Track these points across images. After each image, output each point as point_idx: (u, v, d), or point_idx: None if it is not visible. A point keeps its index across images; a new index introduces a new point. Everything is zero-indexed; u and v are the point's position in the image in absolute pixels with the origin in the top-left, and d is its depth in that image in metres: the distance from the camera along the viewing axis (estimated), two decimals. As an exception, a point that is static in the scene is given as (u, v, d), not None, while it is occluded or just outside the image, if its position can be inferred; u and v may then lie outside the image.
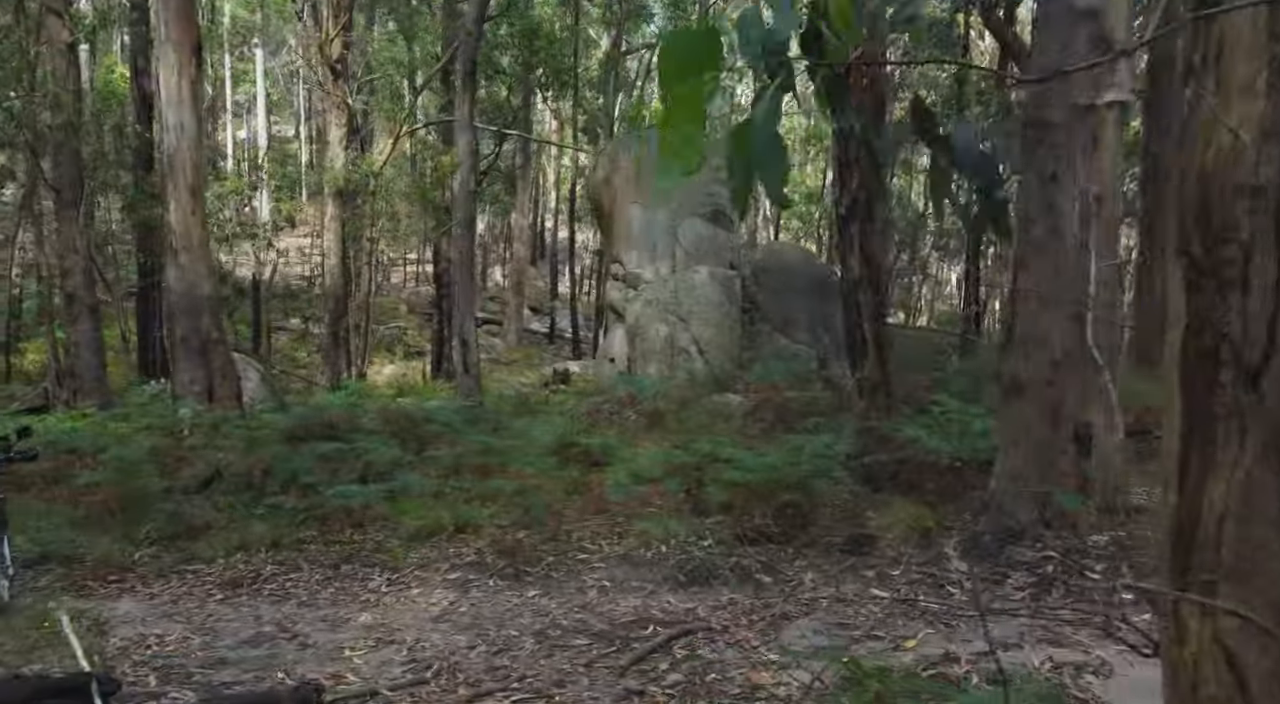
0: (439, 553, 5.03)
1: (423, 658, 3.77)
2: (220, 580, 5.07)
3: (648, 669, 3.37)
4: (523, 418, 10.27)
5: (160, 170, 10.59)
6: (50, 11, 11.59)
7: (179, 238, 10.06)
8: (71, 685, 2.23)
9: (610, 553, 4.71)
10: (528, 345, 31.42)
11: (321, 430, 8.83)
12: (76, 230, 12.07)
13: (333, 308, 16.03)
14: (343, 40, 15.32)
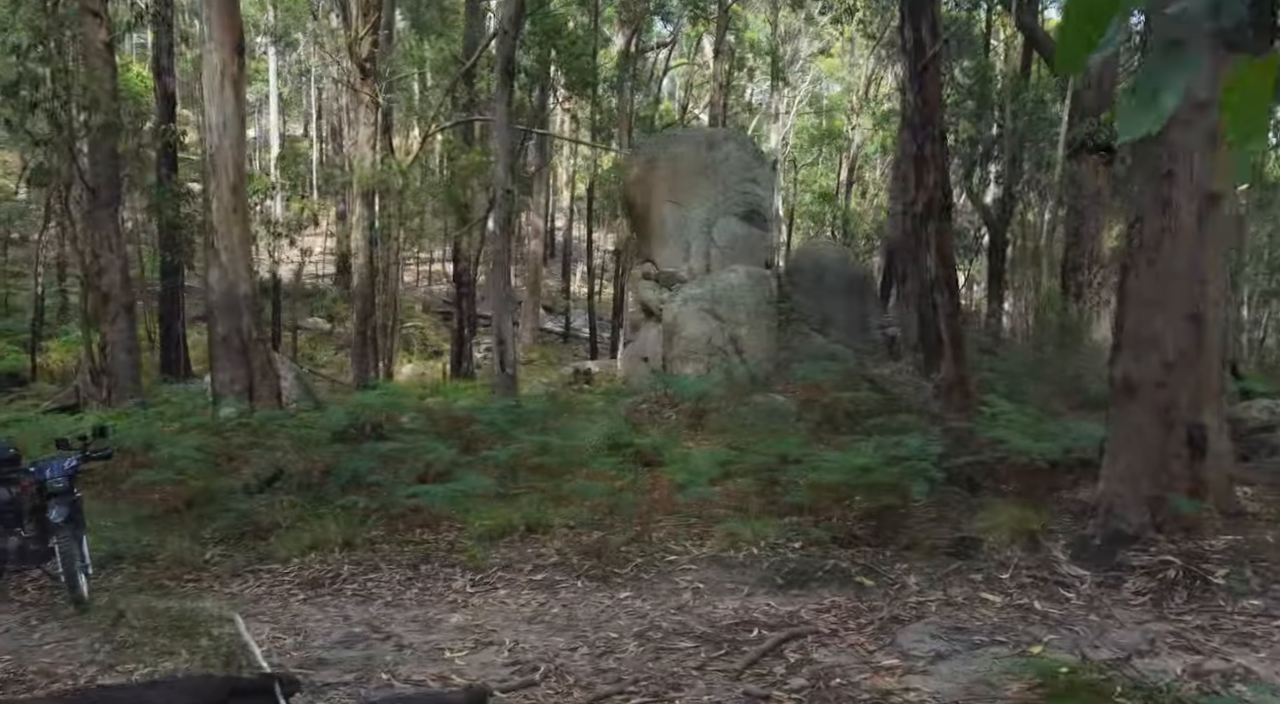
0: (519, 554, 5.01)
1: (525, 660, 3.74)
2: (299, 580, 5.05)
3: (763, 673, 3.34)
4: (560, 417, 10.26)
5: (203, 169, 10.58)
6: (88, 11, 11.60)
7: (220, 237, 10.06)
8: (258, 686, 2.22)
9: (698, 554, 4.68)
10: (543, 345, 31.43)
11: (369, 430, 8.85)
12: (113, 229, 12.08)
13: (360, 307, 16.03)
14: (372, 39, 15.32)
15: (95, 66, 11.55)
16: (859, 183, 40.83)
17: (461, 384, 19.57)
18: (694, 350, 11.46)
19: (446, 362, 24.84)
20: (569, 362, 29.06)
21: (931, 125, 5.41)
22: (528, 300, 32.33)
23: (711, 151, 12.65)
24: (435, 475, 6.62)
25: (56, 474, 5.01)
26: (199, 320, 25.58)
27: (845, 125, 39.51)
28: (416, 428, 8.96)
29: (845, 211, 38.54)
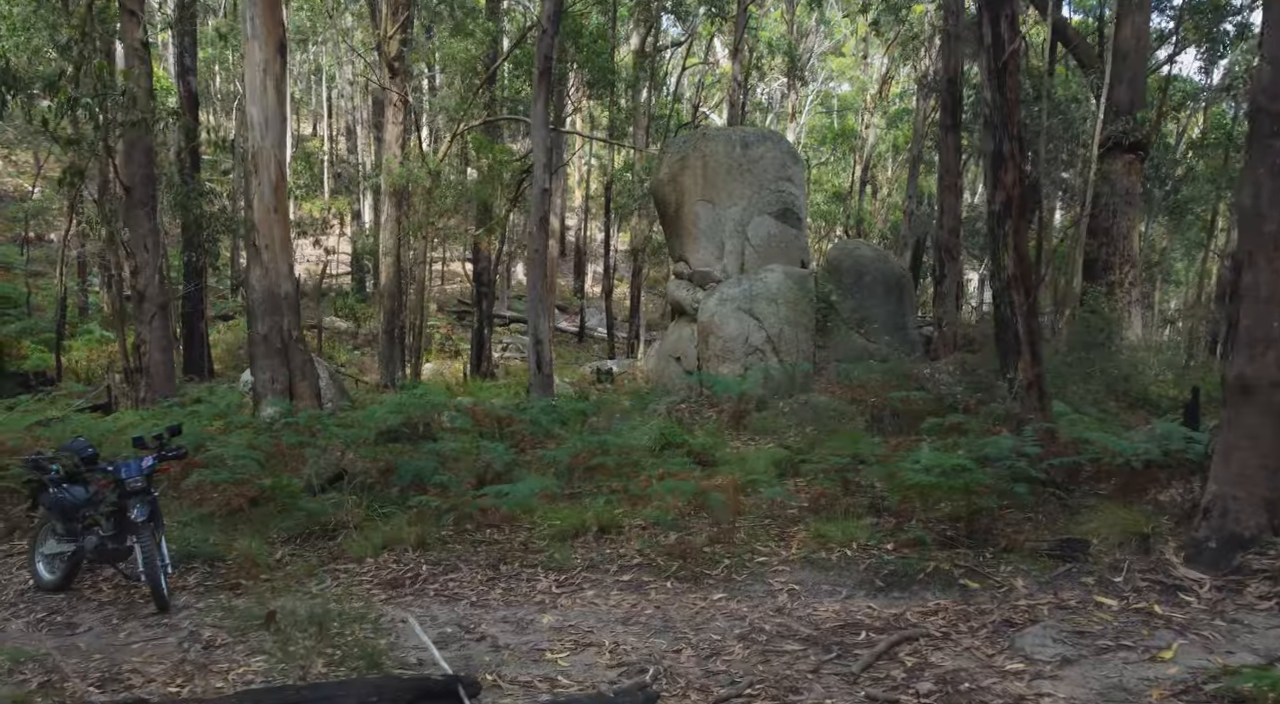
0: (599, 554, 4.98)
1: (630, 661, 3.71)
2: (378, 580, 5.03)
3: (880, 676, 3.30)
4: (599, 416, 10.23)
5: (244, 168, 10.58)
6: (125, 11, 11.61)
7: (261, 235, 10.04)
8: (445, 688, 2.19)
9: (788, 556, 4.65)
10: (558, 344, 31.39)
11: (422, 430, 8.84)
12: (149, 228, 12.09)
13: (388, 306, 16.02)
14: (401, 38, 15.30)
15: (132, 65, 11.56)
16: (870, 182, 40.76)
17: (484, 383, 19.56)
18: (731, 350, 11.42)
19: (464, 361, 24.84)
20: (587, 361, 29.05)
21: (1011, 123, 5.36)
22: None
23: (747, 150, 12.60)
24: (494, 475, 6.60)
25: (134, 473, 5.01)
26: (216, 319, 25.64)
27: (859, 125, 39.44)
28: (461, 427, 8.95)
29: (859, 211, 38.44)
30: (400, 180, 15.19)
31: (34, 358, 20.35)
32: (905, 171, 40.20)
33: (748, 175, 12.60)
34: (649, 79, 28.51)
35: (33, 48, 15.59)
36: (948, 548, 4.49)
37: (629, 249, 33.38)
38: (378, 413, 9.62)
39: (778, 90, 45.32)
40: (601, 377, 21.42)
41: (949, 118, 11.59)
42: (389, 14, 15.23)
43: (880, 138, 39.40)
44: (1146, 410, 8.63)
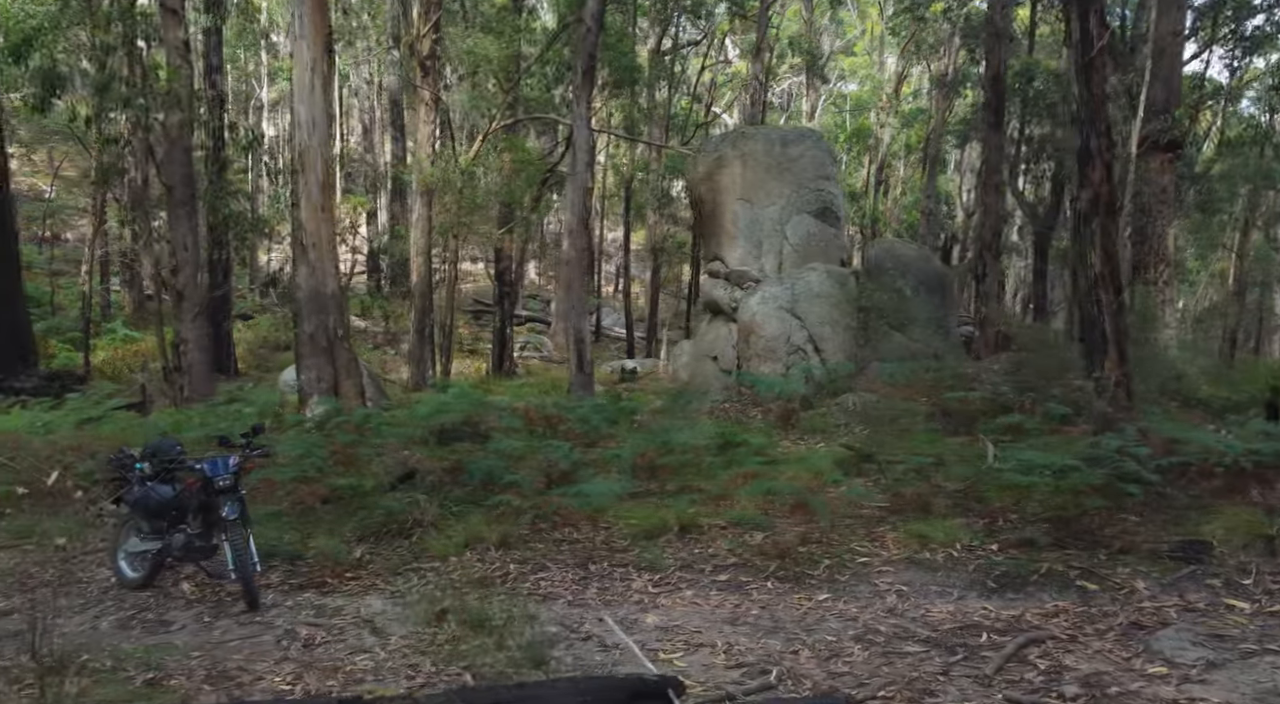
0: (689, 554, 4.96)
1: (747, 662, 3.68)
2: (466, 578, 5.00)
3: (1014, 679, 3.28)
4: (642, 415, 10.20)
5: (292, 167, 10.58)
6: (167, 10, 11.64)
7: (309, 234, 10.04)
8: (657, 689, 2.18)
9: (890, 556, 4.63)
10: (574, 343, 31.37)
11: (467, 429, 8.82)
12: (188, 227, 12.12)
13: (419, 306, 16.04)
14: (433, 38, 15.31)
15: (175, 64, 11.58)
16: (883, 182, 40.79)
17: (510, 382, 19.57)
18: (773, 350, 11.39)
19: (483, 360, 24.86)
20: (604, 360, 29.05)
21: (1099, 119, 5.32)
22: (561, 299, 32.35)
23: (786, 149, 12.56)
24: (560, 475, 6.59)
25: (222, 471, 5.00)
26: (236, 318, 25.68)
27: (874, 124, 39.41)
28: (512, 427, 8.93)
29: (874, 211, 38.39)
30: (432, 179, 15.19)
31: (61, 357, 20.42)
32: (918, 171, 40.19)
33: (787, 174, 12.57)
34: (669, 79, 28.50)
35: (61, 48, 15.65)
36: (1057, 549, 4.46)
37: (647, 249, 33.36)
38: (422, 411, 9.65)
39: (788, 90, 45.29)
40: (625, 375, 21.43)
41: (992, 116, 11.55)
42: (421, 14, 15.24)
43: (894, 137, 39.36)
44: (1201, 410, 8.57)
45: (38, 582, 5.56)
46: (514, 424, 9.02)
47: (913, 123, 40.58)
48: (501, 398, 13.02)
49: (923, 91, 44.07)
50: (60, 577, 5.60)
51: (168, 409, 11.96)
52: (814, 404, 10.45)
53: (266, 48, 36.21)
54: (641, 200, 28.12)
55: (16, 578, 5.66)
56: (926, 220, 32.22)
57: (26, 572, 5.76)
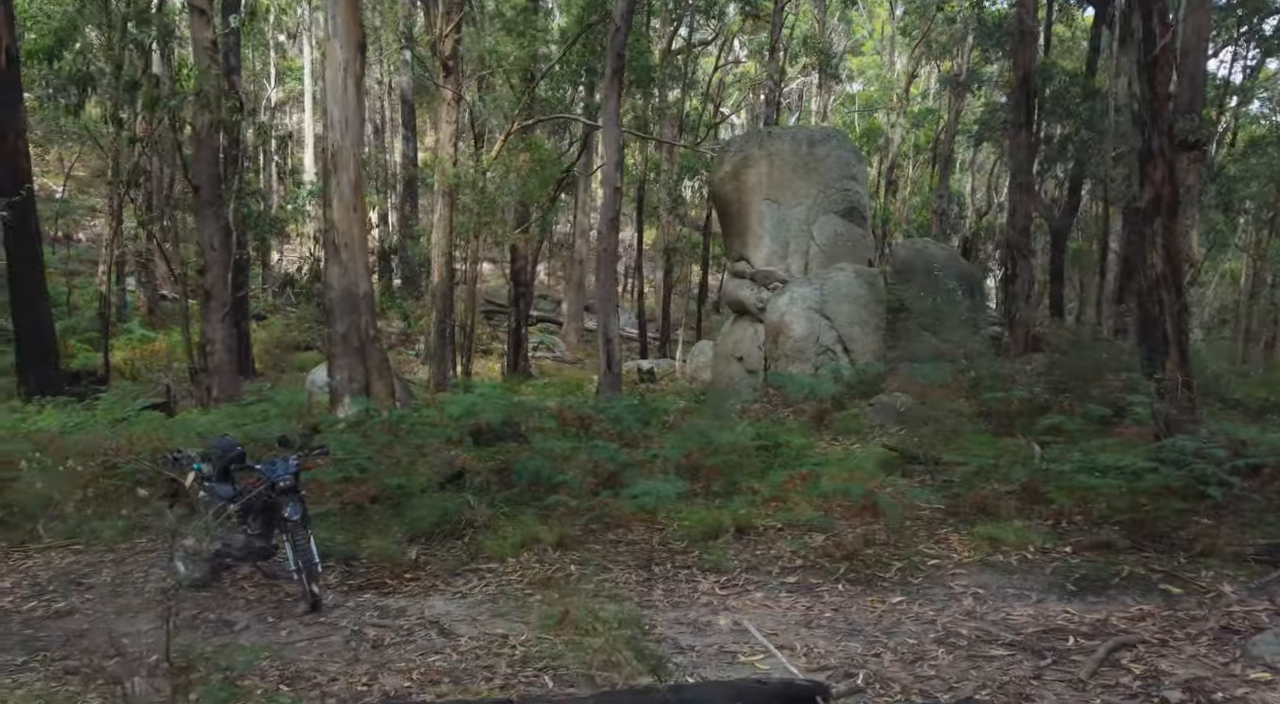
0: (751, 555, 4.95)
1: (830, 665, 3.66)
2: (528, 580, 5.00)
3: (1110, 683, 3.25)
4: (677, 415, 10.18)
5: (323, 167, 10.59)
6: (194, 9, 11.65)
7: (341, 234, 10.05)
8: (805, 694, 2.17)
9: (961, 558, 4.60)
10: (586, 343, 31.43)
11: (506, 429, 8.81)
12: (216, 227, 12.13)
13: (440, 305, 16.03)
14: (455, 38, 15.31)
15: (204, 64, 11.58)
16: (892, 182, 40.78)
17: (526, 383, 19.56)
18: (802, 350, 11.36)
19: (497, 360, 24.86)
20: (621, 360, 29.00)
21: (1161, 119, 5.30)
22: (572, 299, 32.35)
23: (812, 149, 12.54)
24: (607, 476, 6.57)
25: (283, 472, 5.00)
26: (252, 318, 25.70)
27: (885, 124, 39.38)
28: (546, 427, 8.92)
29: (884, 211, 38.37)
30: (454, 179, 15.19)
31: (80, 357, 20.47)
32: (927, 171, 40.15)
33: (813, 174, 12.54)
34: (682, 79, 28.48)
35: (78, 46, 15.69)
36: (1134, 552, 4.43)
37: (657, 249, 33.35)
38: (454, 411, 9.64)
39: (795, 90, 45.22)
40: (644, 376, 21.41)
41: (1022, 115, 11.50)
42: (443, 14, 15.24)
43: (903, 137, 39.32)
44: (1241, 411, 8.53)
45: (93, 582, 5.57)
46: (547, 424, 9.03)
47: (922, 123, 40.54)
48: (528, 398, 13.01)
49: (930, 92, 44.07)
50: (117, 577, 5.61)
51: (194, 409, 11.97)
52: (845, 405, 10.43)
53: (275, 48, 36.31)
54: (655, 201, 28.08)
55: (72, 578, 5.66)
56: (939, 220, 32.15)
57: (81, 572, 5.77)
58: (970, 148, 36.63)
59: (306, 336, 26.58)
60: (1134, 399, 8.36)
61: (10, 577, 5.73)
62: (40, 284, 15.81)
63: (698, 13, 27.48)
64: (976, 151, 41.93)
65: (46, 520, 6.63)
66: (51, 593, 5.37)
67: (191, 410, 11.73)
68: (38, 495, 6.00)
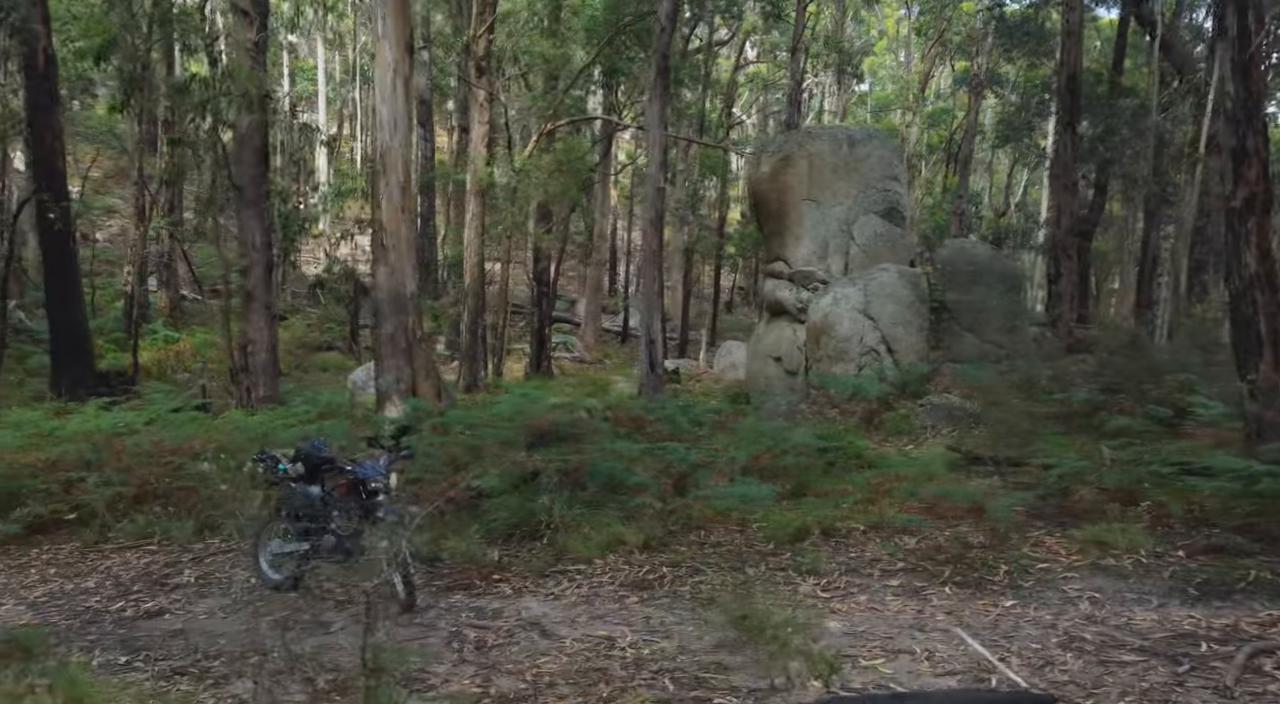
0: (846, 558, 4.92)
1: (955, 669, 3.63)
2: (620, 582, 4.98)
3: (1258, 691, 3.21)
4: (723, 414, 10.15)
5: (371, 168, 10.60)
6: (238, 11, 11.67)
7: (389, 235, 10.04)
8: None
9: (1071, 562, 4.57)
10: (603, 344, 31.44)
11: (560, 430, 8.79)
12: (257, 227, 12.14)
13: (472, 305, 16.04)
14: (488, 38, 15.32)
15: (247, 65, 11.60)
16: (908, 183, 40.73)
17: (554, 382, 19.56)
18: (845, 350, 11.31)
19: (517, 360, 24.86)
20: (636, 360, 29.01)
21: (1255, 117, 5.26)
22: (590, 300, 32.35)
23: (853, 149, 12.50)
24: (679, 476, 6.55)
25: (374, 473, 4.99)
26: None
27: (900, 124, 39.33)
28: (598, 428, 8.90)
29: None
30: (487, 180, 15.19)
31: (109, 357, 20.54)
32: (940, 171, 40.08)
33: (854, 174, 12.51)
34: (701, 79, 28.45)
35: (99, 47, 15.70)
36: (1253, 556, 4.39)
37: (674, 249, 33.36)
38: (503, 411, 9.63)
39: (806, 89, 45.13)
40: (669, 376, 21.38)
41: (1067, 115, 11.45)
42: (477, 14, 15.25)
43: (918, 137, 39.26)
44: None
45: (177, 582, 5.57)
46: (601, 425, 9.00)
47: (937, 123, 40.46)
48: (569, 399, 12.99)
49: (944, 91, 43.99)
50: (200, 577, 5.61)
51: (235, 410, 11.95)
52: (892, 405, 10.39)
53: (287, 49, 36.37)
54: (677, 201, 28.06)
55: (154, 578, 5.66)
56: (958, 220, 32.06)
57: (161, 572, 5.77)
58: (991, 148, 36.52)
59: (327, 337, 26.65)
60: (1193, 400, 8.30)
61: (92, 576, 5.74)
62: (75, 285, 15.89)
63: (719, 12, 27.47)
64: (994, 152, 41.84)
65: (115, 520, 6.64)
66: (137, 593, 5.37)
67: (234, 411, 11.71)
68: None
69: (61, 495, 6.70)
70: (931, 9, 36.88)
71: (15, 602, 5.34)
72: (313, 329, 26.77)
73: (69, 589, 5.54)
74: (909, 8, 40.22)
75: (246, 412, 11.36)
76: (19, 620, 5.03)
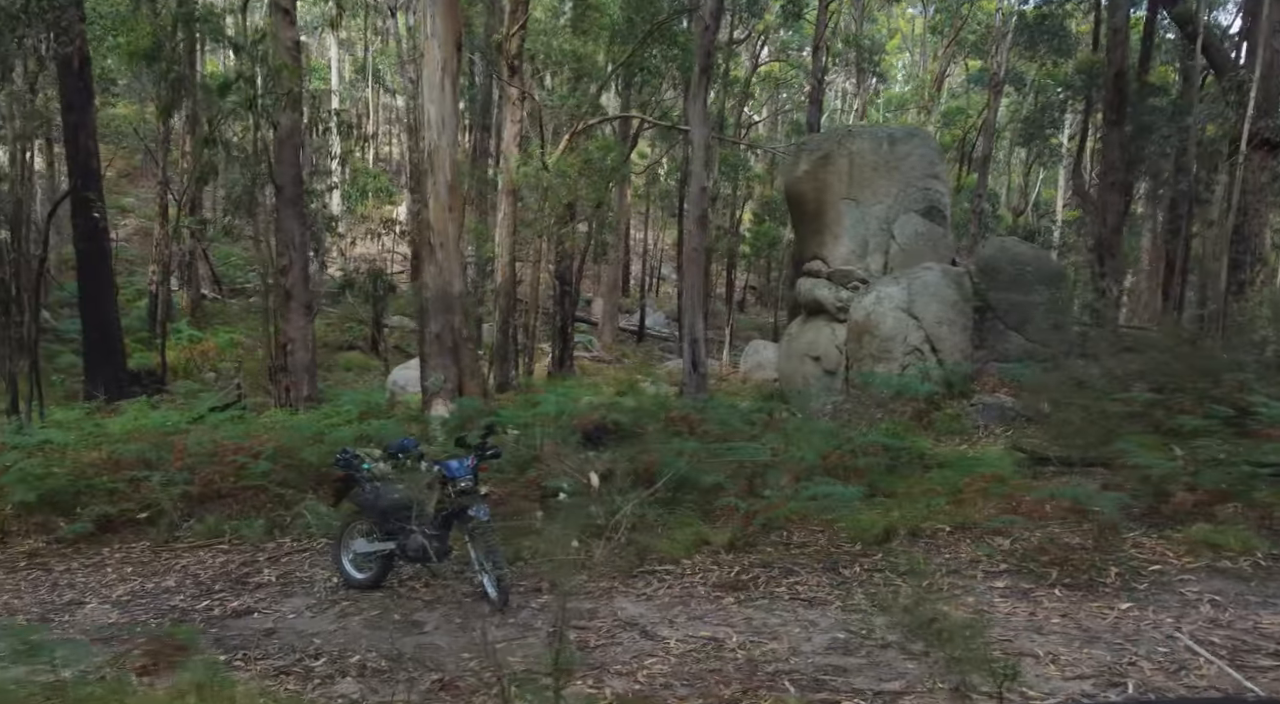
0: (943, 558, 4.87)
1: (1084, 673, 3.57)
2: (712, 582, 4.93)
3: None
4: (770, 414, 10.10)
5: (419, 167, 10.57)
6: (279, 9, 11.67)
7: (436, 234, 10.02)
8: None
9: (1184, 564, 4.50)
10: (618, 343, 31.40)
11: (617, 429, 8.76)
12: (297, 226, 12.14)
13: (503, 305, 16.01)
14: (520, 37, 15.29)
15: (288, 64, 11.59)
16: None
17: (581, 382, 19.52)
18: (889, 350, 11.23)
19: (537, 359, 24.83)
20: (652, 359, 28.98)
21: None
22: (607, 299, 32.31)
23: (894, 148, 12.43)
24: (749, 477, 6.50)
25: (462, 473, 4.95)
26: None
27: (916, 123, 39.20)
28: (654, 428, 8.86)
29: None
30: (520, 179, 15.17)
31: (136, 357, 20.60)
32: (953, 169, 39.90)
33: (894, 173, 12.44)
34: (723, 78, 28.39)
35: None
36: None
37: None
38: (549, 410, 9.60)
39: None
40: (694, 376, 21.30)
41: (1114, 113, 11.36)
42: (510, 13, 15.23)
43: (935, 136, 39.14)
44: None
45: (257, 581, 5.55)
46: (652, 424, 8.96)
47: (952, 122, 40.30)
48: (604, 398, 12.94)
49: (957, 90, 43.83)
50: (280, 576, 5.58)
51: (275, 410, 11.93)
52: (940, 405, 10.32)
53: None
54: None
55: (233, 577, 5.64)
56: (977, 219, 31.92)
57: (239, 571, 5.75)
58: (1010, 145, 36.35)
59: (348, 337, 26.70)
60: (1254, 400, 8.21)
61: (170, 575, 5.72)
62: (109, 284, 15.94)
63: (741, 10, 27.42)
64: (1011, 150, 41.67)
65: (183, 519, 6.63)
66: (221, 592, 5.35)
67: (275, 411, 11.70)
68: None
69: (129, 494, 6.70)
70: (947, 7, 36.77)
71: (99, 601, 5.33)
72: (333, 329, 26.81)
73: (150, 588, 5.53)
74: (925, 7, 40.14)
75: (288, 411, 11.36)
76: (107, 619, 5.02)
